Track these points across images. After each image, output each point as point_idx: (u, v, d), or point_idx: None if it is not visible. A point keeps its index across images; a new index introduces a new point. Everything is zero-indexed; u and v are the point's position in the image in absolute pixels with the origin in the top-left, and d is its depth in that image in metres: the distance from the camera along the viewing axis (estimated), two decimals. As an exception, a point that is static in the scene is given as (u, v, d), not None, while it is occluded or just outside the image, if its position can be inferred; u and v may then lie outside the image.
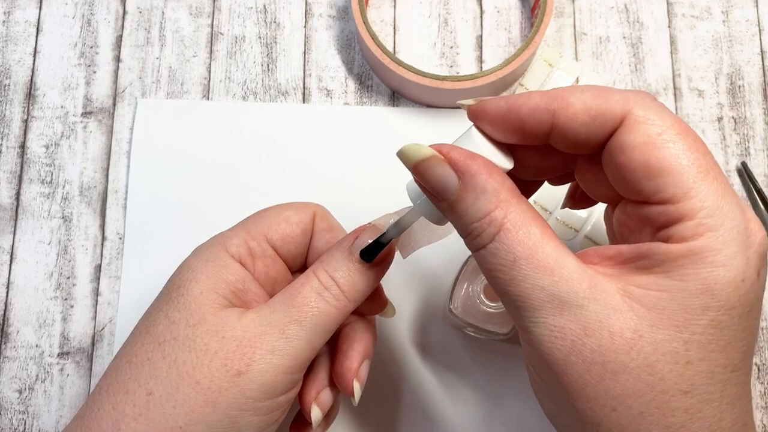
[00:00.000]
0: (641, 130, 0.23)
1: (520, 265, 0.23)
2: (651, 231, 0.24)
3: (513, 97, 0.25)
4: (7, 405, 0.39)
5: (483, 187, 0.24)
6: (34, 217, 0.42)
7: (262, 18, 0.45)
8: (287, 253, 0.32)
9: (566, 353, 0.22)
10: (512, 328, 0.35)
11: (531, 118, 0.25)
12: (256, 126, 0.43)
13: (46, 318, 0.41)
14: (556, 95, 0.24)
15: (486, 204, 0.24)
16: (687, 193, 0.22)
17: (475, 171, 0.24)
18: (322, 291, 0.29)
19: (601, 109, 0.24)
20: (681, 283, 0.22)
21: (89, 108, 0.44)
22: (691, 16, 0.45)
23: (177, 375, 0.27)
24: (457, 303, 0.36)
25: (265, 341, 0.27)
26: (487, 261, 0.24)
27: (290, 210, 0.32)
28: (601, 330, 0.22)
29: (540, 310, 0.23)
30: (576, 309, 0.22)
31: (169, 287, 0.29)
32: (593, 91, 0.24)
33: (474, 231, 0.24)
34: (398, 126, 0.43)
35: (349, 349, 0.31)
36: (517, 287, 0.23)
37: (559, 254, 0.23)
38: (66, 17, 0.45)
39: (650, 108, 0.23)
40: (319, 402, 0.31)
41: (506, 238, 0.23)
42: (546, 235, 0.23)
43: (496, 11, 0.45)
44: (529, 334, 0.23)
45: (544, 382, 0.24)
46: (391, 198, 0.35)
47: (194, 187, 0.42)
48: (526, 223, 0.23)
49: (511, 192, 0.24)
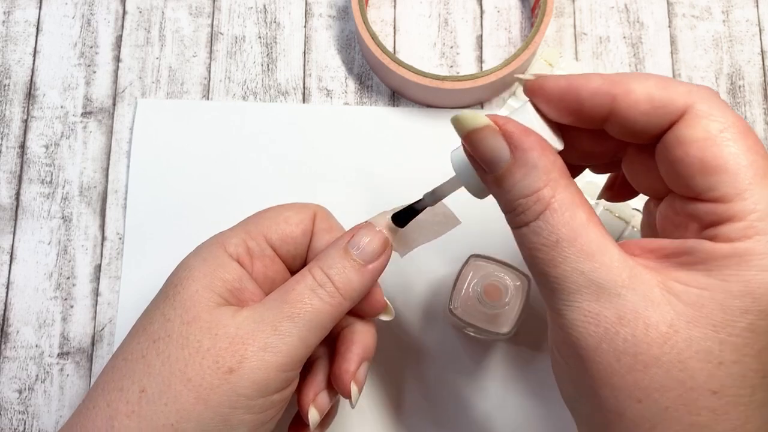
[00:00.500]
0: (702, 125, 0.23)
1: (562, 247, 0.23)
2: (697, 228, 0.23)
3: (573, 77, 0.25)
4: (7, 405, 0.39)
5: (535, 164, 0.23)
6: (34, 217, 0.42)
7: (262, 18, 0.45)
8: (286, 254, 0.32)
9: (598, 340, 0.22)
10: (512, 328, 0.35)
11: (590, 100, 0.24)
12: (256, 126, 0.43)
13: (46, 318, 0.41)
14: (618, 80, 0.24)
15: (535, 181, 0.23)
16: (741, 194, 0.22)
17: (528, 146, 0.23)
18: (317, 288, 0.28)
19: (663, 100, 0.23)
20: (723, 283, 0.22)
21: (89, 108, 0.44)
22: (691, 16, 0.45)
23: (169, 372, 0.27)
24: (457, 303, 0.36)
25: (257, 338, 0.27)
26: (527, 239, 0.24)
27: (290, 210, 0.32)
28: (637, 321, 0.22)
29: (576, 294, 0.23)
30: (613, 297, 0.22)
31: (167, 285, 0.30)
32: (657, 80, 0.24)
33: (519, 207, 0.24)
34: (398, 126, 0.43)
35: (347, 352, 0.31)
36: (555, 268, 0.23)
37: (602, 241, 0.23)
38: (66, 17, 0.45)
39: (713, 104, 0.23)
40: (316, 404, 0.31)
41: (552, 218, 0.23)
42: (591, 220, 0.23)
43: (496, 11, 0.45)
44: (561, 317, 0.23)
45: (568, 366, 0.24)
46: (392, 198, 0.35)
47: (194, 187, 0.42)
48: (574, 205, 0.23)
49: (562, 172, 0.24)
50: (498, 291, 0.35)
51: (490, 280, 0.35)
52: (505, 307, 0.35)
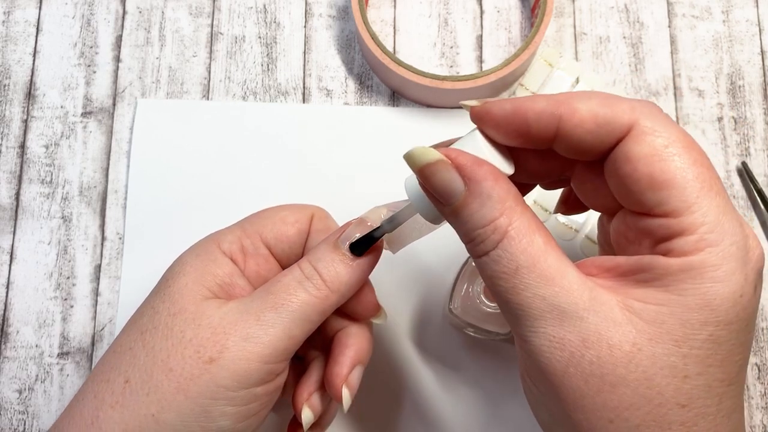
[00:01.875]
0: (647, 141, 0.23)
1: (522, 274, 0.23)
2: (650, 243, 0.24)
3: (518, 101, 0.25)
4: (6, 405, 0.39)
5: (489, 194, 0.24)
6: (34, 217, 0.42)
7: (262, 18, 0.45)
8: (281, 253, 0.32)
9: (565, 364, 0.22)
10: (512, 328, 0.35)
11: (536, 122, 0.24)
12: (256, 126, 0.43)
13: (46, 318, 0.41)
14: (563, 100, 0.24)
15: (491, 211, 0.23)
16: (689, 207, 0.22)
17: (481, 177, 0.24)
18: (303, 280, 0.28)
19: (608, 117, 0.24)
20: (680, 297, 0.22)
21: (89, 108, 0.44)
22: (691, 16, 0.45)
23: (152, 362, 0.27)
24: (457, 303, 0.36)
25: (239, 328, 0.27)
26: (489, 268, 0.24)
27: (287, 210, 0.32)
28: (600, 342, 0.22)
29: (540, 320, 0.23)
30: (576, 320, 0.22)
31: (160, 280, 0.30)
32: (600, 98, 0.24)
33: (477, 237, 0.24)
34: (398, 126, 0.43)
35: (340, 355, 0.31)
36: (517, 296, 0.23)
37: (561, 264, 0.23)
38: (66, 17, 0.45)
39: (657, 119, 0.23)
40: (310, 404, 0.31)
41: (510, 246, 0.23)
42: (549, 245, 0.23)
43: (496, 11, 0.45)
44: (527, 343, 0.23)
45: (540, 392, 0.24)
46: (391, 198, 0.35)
47: (194, 187, 0.42)
48: (530, 232, 0.23)
49: (517, 200, 0.24)
50: (498, 291, 0.35)
51: (490, 280, 0.35)
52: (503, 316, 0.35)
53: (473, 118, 0.26)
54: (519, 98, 0.25)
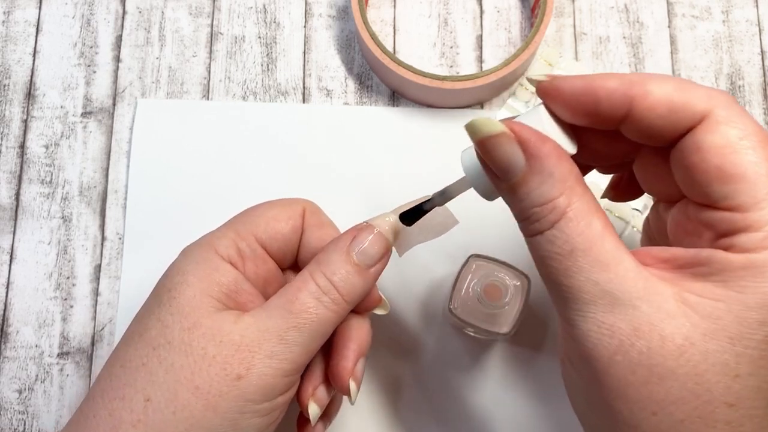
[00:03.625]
0: (721, 132, 0.22)
1: (577, 257, 0.22)
2: (711, 236, 0.23)
3: (589, 78, 0.24)
4: (6, 405, 0.39)
5: (551, 172, 0.23)
6: (34, 217, 0.42)
7: (262, 18, 0.45)
8: (277, 251, 0.32)
9: (612, 351, 0.22)
10: (512, 328, 0.35)
11: (607, 102, 0.24)
12: (256, 126, 0.43)
13: (46, 318, 0.41)
14: (636, 81, 0.23)
15: (551, 190, 0.23)
16: (758, 203, 0.22)
17: (544, 154, 0.23)
18: (321, 296, 0.28)
19: (682, 104, 0.23)
20: (739, 294, 0.21)
21: (89, 108, 0.44)
22: (691, 16, 0.45)
23: (175, 380, 0.27)
24: (457, 303, 0.36)
25: (263, 347, 0.27)
26: (541, 247, 0.23)
27: (279, 207, 0.32)
28: (652, 333, 0.21)
29: (590, 304, 0.22)
30: (628, 309, 0.22)
31: (160, 290, 0.29)
32: (676, 82, 0.23)
33: (533, 216, 0.23)
34: (398, 126, 0.43)
35: (344, 348, 0.31)
36: (569, 278, 0.23)
37: (617, 251, 0.22)
38: (66, 17, 0.45)
39: (733, 110, 0.23)
40: (315, 398, 0.31)
41: (567, 227, 0.22)
42: (607, 230, 0.23)
43: (496, 11, 0.45)
44: (574, 327, 0.23)
45: (580, 378, 0.24)
46: (392, 198, 0.35)
47: (194, 187, 0.42)
48: (589, 214, 0.23)
49: (578, 180, 0.23)
50: (498, 291, 0.35)
51: (490, 280, 0.35)
52: (505, 307, 0.35)
53: (540, 93, 0.25)
54: (590, 75, 0.24)
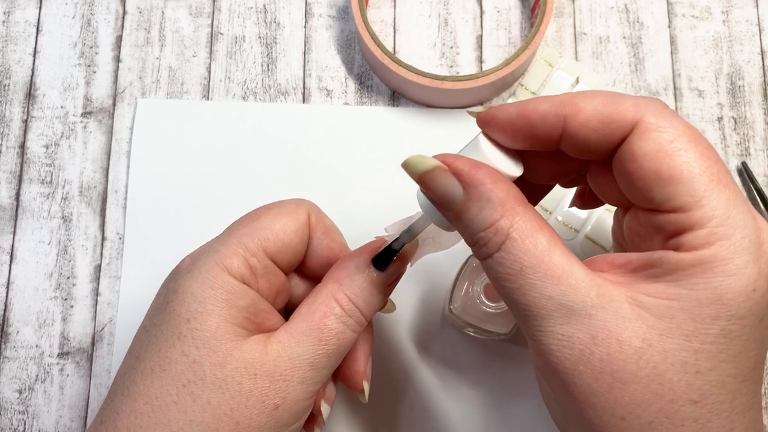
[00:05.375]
0: (653, 138, 0.23)
1: (527, 274, 0.23)
2: (662, 239, 0.23)
3: (522, 104, 0.25)
4: (7, 405, 0.39)
5: (488, 197, 0.24)
6: (34, 217, 0.42)
7: (262, 18, 0.45)
8: (287, 264, 0.31)
9: (574, 362, 0.22)
10: (512, 328, 0.35)
11: (541, 124, 0.25)
12: (256, 126, 0.43)
13: (46, 318, 0.41)
14: (566, 101, 0.24)
15: (491, 214, 0.24)
16: (698, 201, 0.22)
17: (479, 181, 0.24)
18: (346, 319, 0.29)
19: (612, 116, 0.24)
20: (691, 292, 0.22)
21: (89, 108, 0.44)
22: (691, 16, 0.45)
23: (214, 418, 0.26)
24: (457, 303, 0.36)
25: (296, 375, 0.28)
26: (494, 270, 0.24)
27: (285, 217, 0.31)
28: (610, 339, 0.22)
29: (548, 319, 0.23)
30: (584, 318, 0.22)
31: (174, 318, 0.27)
32: (604, 96, 0.24)
33: (480, 240, 0.24)
34: (398, 126, 0.43)
35: (354, 352, 0.31)
36: (524, 296, 0.23)
37: (566, 262, 0.23)
38: (66, 17, 0.45)
39: (662, 115, 0.23)
40: (326, 398, 0.31)
41: (512, 248, 0.23)
42: (553, 243, 0.23)
43: (496, 11, 0.45)
44: (537, 342, 0.23)
45: (552, 390, 0.24)
46: (392, 198, 0.35)
47: (194, 188, 0.42)
48: (533, 232, 0.23)
49: (517, 200, 0.24)
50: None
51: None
52: (505, 307, 0.35)
53: (479, 123, 0.26)
54: (523, 102, 0.25)
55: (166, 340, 0.27)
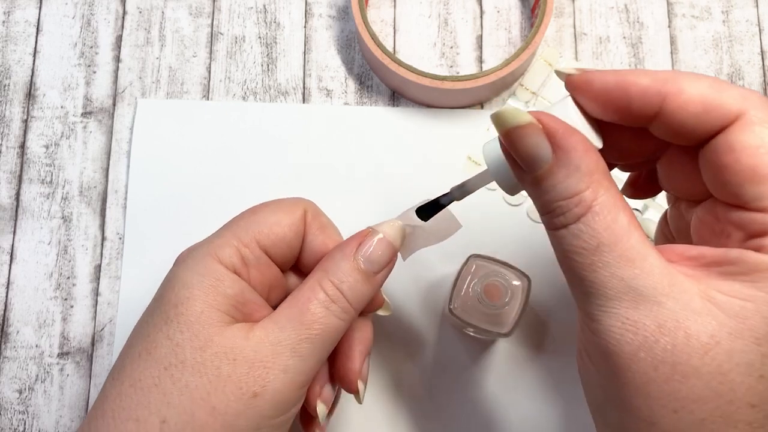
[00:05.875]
0: (756, 132, 0.22)
1: (603, 251, 0.22)
2: (741, 237, 0.23)
3: (622, 74, 0.24)
4: (7, 405, 0.39)
5: (577, 165, 0.22)
6: (34, 217, 0.42)
7: (262, 18, 0.45)
8: (280, 256, 0.31)
9: (636, 348, 0.22)
10: (512, 328, 0.35)
11: (639, 99, 0.23)
12: (256, 126, 0.43)
13: (46, 318, 0.41)
14: (670, 78, 0.23)
15: (578, 183, 0.22)
16: None
17: (572, 146, 0.23)
18: (330, 305, 0.28)
19: (716, 102, 0.22)
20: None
21: (89, 108, 0.44)
22: (691, 16, 0.45)
23: (190, 401, 0.26)
24: (457, 303, 0.36)
25: (277, 362, 0.27)
26: (566, 241, 0.23)
27: (281, 212, 0.31)
28: (677, 330, 0.21)
29: (614, 300, 0.22)
30: (653, 305, 0.22)
31: (164, 304, 0.28)
32: (710, 81, 0.23)
33: (558, 209, 0.23)
34: (398, 126, 0.43)
35: (350, 350, 0.31)
36: (594, 273, 0.22)
37: (643, 246, 0.22)
38: (66, 17, 0.45)
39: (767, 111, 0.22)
40: (323, 398, 0.31)
41: (593, 222, 0.22)
42: (633, 225, 0.22)
43: (496, 11, 0.45)
44: (595, 322, 0.23)
45: (598, 372, 0.23)
46: (391, 198, 0.35)
47: (194, 188, 0.42)
48: (616, 209, 0.22)
49: (604, 174, 0.23)
50: (498, 291, 0.35)
51: (490, 280, 0.35)
52: (505, 307, 0.35)
53: (569, 86, 0.25)
54: (622, 71, 0.24)
55: (155, 325, 0.28)
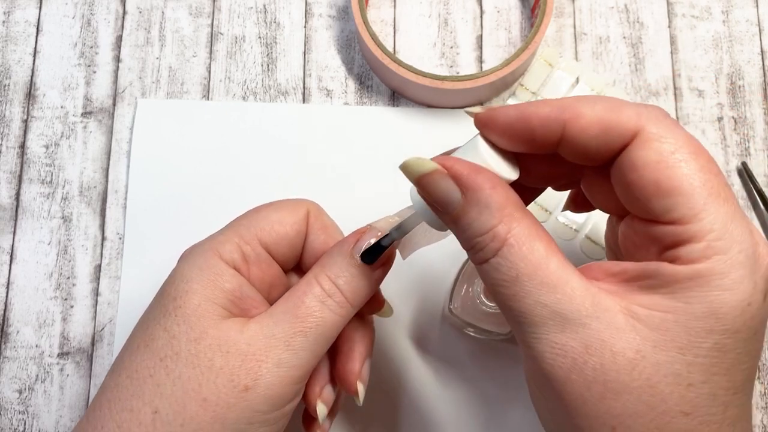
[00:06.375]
0: (654, 148, 0.23)
1: (523, 281, 0.23)
2: (658, 249, 0.23)
3: (523, 107, 0.25)
4: (7, 405, 0.39)
5: (486, 202, 0.24)
6: (34, 217, 0.42)
7: (262, 18, 0.45)
8: (281, 255, 0.31)
9: (567, 371, 0.22)
10: (512, 328, 0.35)
11: (541, 128, 0.24)
12: (256, 126, 0.43)
13: (46, 318, 0.41)
14: (567, 105, 0.24)
15: (489, 219, 0.23)
16: (697, 214, 0.22)
17: (478, 186, 0.24)
18: (326, 299, 0.28)
19: (613, 123, 0.23)
20: (686, 305, 0.22)
21: (89, 108, 0.44)
22: (691, 16, 0.45)
23: (183, 392, 0.27)
24: (457, 303, 0.36)
25: (270, 355, 0.27)
26: (489, 275, 0.24)
27: (283, 211, 0.32)
28: (603, 349, 0.22)
29: (542, 326, 0.23)
30: (578, 327, 0.22)
31: (164, 298, 0.29)
32: (606, 103, 0.24)
33: (477, 245, 0.24)
34: (398, 126, 0.43)
35: (350, 351, 0.31)
36: (519, 303, 0.23)
37: (562, 271, 0.23)
38: (66, 17, 0.45)
39: (664, 125, 0.23)
40: (323, 398, 0.31)
41: (509, 254, 0.23)
42: (550, 251, 0.23)
43: (496, 11, 0.45)
44: (530, 349, 0.23)
45: (544, 397, 0.24)
46: (391, 198, 0.35)
47: (194, 188, 0.42)
48: (530, 239, 0.23)
49: (516, 206, 0.24)
50: (498, 291, 0.35)
51: (490, 280, 0.35)
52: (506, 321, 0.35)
53: (477, 124, 0.26)
54: (523, 104, 0.25)
55: (154, 318, 0.28)
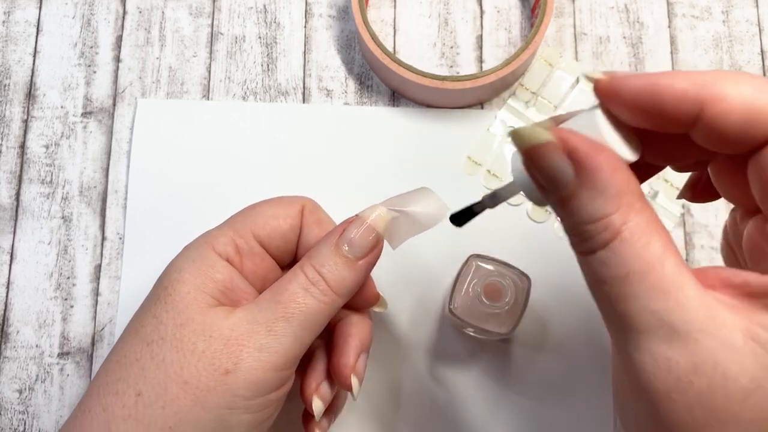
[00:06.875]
0: None
1: (633, 281, 0.20)
2: None
3: (654, 77, 0.21)
4: (7, 405, 0.39)
5: (603, 186, 0.20)
6: (34, 217, 0.42)
7: (262, 18, 0.45)
8: (276, 250, 0.32)
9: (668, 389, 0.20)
10: (512, 328, 0.35)
11: (674, 106, 0.21)
12: (256, 126, 0.43)
13: (46, 318, 0.41)
14: (708, 82, 0.20)
15: (604, 205, 0.20)
16: None
17: (597, 166, 0.20)
18: (309, 287, 0.28)
19: (762, 110, 0.20)
20: None
21: (89, 108, 0.44)
22: (691, 16, 0.45)
23: (165, 375, 0.27)
24: (457, 303, 0.36)
25: (252, 339, 0.27)
26: (593, 269, 0.21)
27: (278, 206, 0.32)
28: (715, 371, 0.19)
29: (646, 335, 0.20)
30: (688, 341, 0.19)
31: (157, 287, 0.29)
32: (756, 84, 0.20)
33: (585, 233, 0.21)
34: (398, 126, 0.43)
35: (345, 345, 0.31)
36: (623, 305, 0.20)
37: (679, 275, 0.20)
38: (66, 17, 0.45)
39: None
40: (319, 394, 0.31)
41: (621, 248, 0.20)
42: (668, 251, 0.20)
43: (496, 11, 0.45)
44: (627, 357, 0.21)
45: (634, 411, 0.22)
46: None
47: (194, 187, 0.42)
48: (648, 234, 0.20)
49: (636, 194, 0.21)
50: (498, 291, 0.35)
51: (490, 280, 0.35)
52: (505, 307, 0.35)
53: (596, 92, 0.22)
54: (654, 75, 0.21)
55: (146, 305, 0.29)
